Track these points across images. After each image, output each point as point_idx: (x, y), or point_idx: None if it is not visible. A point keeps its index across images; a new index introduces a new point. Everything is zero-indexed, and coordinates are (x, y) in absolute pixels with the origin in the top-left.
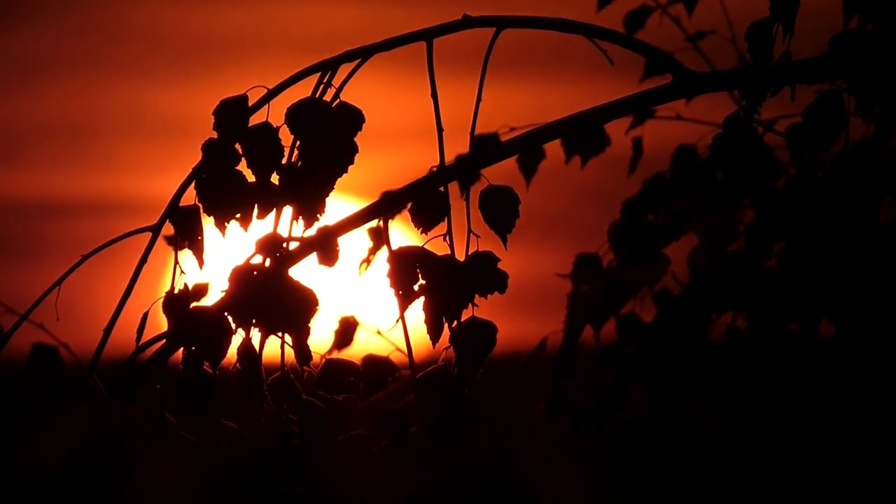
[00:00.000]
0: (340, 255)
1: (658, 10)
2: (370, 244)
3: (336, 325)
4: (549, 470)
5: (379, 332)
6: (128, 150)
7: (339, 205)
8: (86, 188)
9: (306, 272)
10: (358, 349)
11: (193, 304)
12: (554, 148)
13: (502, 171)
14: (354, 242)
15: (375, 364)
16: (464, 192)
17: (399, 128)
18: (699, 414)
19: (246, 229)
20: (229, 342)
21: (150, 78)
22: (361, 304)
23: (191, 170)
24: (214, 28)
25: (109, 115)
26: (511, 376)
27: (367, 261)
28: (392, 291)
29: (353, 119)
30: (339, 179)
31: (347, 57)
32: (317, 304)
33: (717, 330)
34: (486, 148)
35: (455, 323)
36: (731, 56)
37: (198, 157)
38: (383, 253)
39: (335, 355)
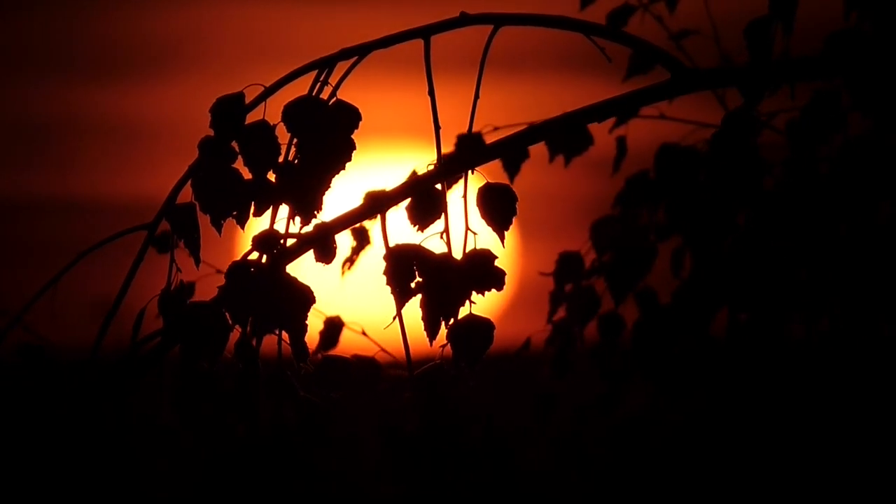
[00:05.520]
0: (337, 251)
1: (640, 8)
2: (353, 244)
3: (321, 326)
4: (544, 469)
5: (364, 333)
6: (120, 151)
7: (336, 202)
8: (79, 189)
9: (292, 272)
10: (342, 349)
11: (190, 301)
12: (537, 145)
13: (484, 167)
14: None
15: (362, 365)
16: (448, 188)
17: (396, 125)
18: (694, 409)
19: (242, 227)
20: (226, 339)
21: (145, 78)
22: (346, 303)
23: (187, 168)
24: (213, 26)
25: (100, 116)
26: (493, 376)
27: (351, 261)
28: (389, 289)
29: (349, 117)
30: (336, 177)
31: (344, 54)
32: (313, 301)
33: (717, 325)
34: (468, 151)
35: (452, 321)
36: (714, 55)
37: (193, 156)
38: (366, 253)
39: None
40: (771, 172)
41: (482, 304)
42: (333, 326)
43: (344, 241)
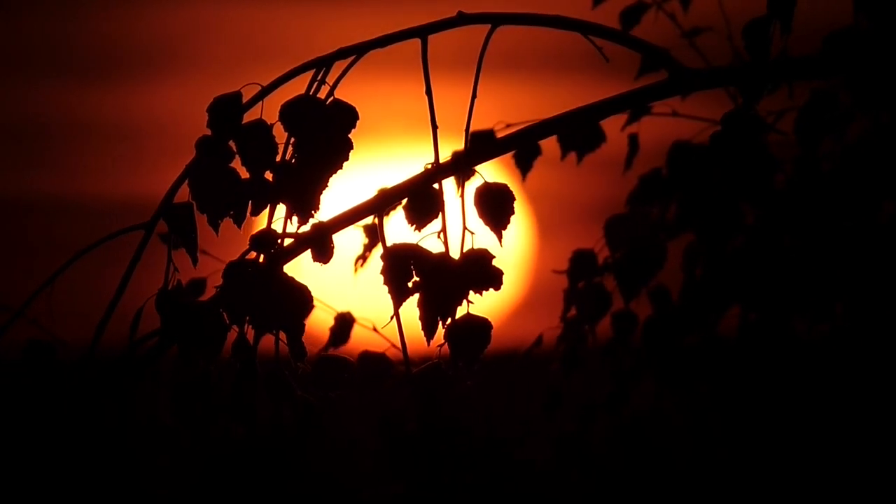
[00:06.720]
0: (335, 251)
1: (653, 6)
2: (365, 241)
3: (332, 322)
4: (549, 467)
5: (375, 329)
6: (119, 151)
7: (334, 201)
8: (78, 189)
9: (304, 268)
10: (353, 345)
11: (187, 301)
12: (549, 144)
13: (497, 168)
14: (350, 239)
15: (372, 360)
16: (459, 187)
17: (394, 125)
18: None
19: (240, 227)
20: (224, 338)
21: (144, 78)
22: (358, 300)
23: (184, 167)
24: (211, 26)
25: (99, 116)
26: (505, 373)
27: (363, 258)
28: (387, 288)
29: (347, 116)
30: (334, 176)
31: (342, 54)
32: (311, 301)
33: (728, 323)
34: (481, 144)
35: (449, 320)
36: (727, 53)
37: (191, 156)
38: (379, 250)
39: (331, 352)
40: (782, 170)
41: (494, 301)
42: (344, 322)
43: (355, 238)
